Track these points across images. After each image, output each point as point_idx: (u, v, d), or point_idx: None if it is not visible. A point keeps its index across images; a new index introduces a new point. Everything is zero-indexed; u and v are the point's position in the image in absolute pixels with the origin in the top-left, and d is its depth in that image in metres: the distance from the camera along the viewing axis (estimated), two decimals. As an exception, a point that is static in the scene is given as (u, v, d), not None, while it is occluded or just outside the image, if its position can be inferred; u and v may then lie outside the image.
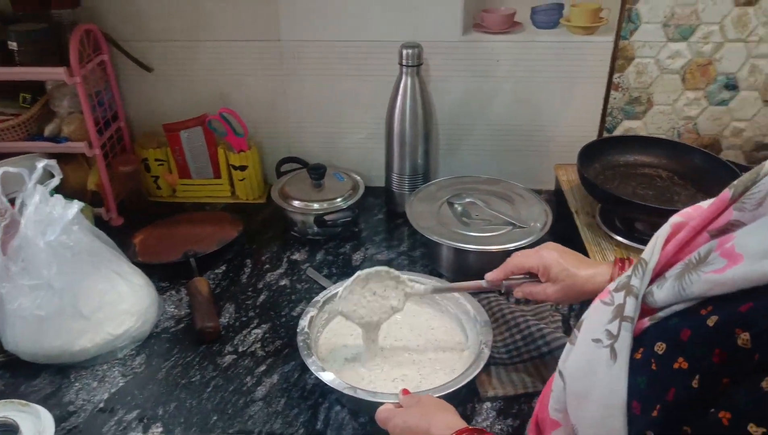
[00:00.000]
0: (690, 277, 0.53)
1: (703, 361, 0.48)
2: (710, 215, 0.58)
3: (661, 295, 0.57)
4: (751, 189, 0.55)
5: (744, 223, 0.55)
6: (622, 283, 0.62)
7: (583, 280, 0.89)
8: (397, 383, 0.98)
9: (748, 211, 0.55)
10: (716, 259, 0.52)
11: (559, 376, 0.68)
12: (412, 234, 1.38)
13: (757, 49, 1.36)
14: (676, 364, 0.50)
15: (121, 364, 1.05)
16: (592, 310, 0.66)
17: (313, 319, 1.05)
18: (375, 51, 1.39)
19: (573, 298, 0.91)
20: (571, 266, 0.90)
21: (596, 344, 0.61)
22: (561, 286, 0.91)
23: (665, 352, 0.53)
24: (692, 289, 0.53)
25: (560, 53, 1.38)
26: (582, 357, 0.63)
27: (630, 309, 0.58)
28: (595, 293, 0.86)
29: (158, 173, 1.48)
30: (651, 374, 0.53)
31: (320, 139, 1.52)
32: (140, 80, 1.46)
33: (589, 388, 0.60)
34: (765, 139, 1.48)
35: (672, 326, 0.54)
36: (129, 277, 1.10)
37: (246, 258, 1.32)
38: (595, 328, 0.62)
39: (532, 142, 1.49)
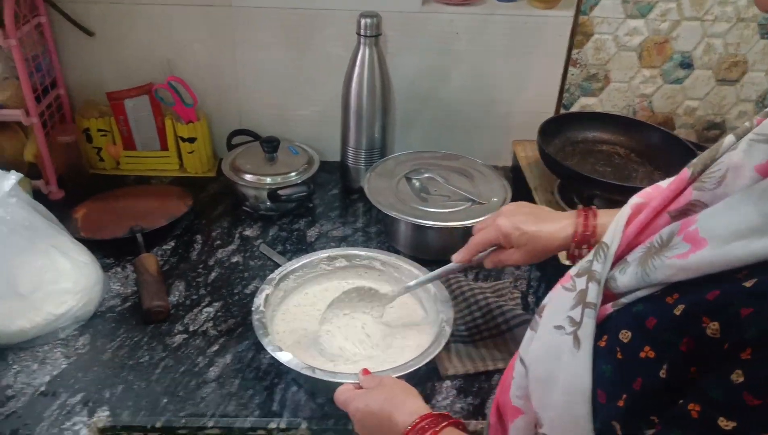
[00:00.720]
0: (653, 262, 0.52)
1: (671, 350, 0.47)
2: (670, 195, 0.57)
3: (623, 280, 0.55)
4: (710, 167, 0.55)
5: (704, 203, 0.54)
6: (584, 268, 0.60)
7: (546, 239, 0.86)
8: (357, 363, 0.96)
9: (707, 190, 0.54)
10: (679, 244, 0.51)
11: (521, 363, 0.66)
12: (368, 210, 1.35)
13: (712, 28, 1.38)
14: (643, 353, 0.49)
15: (64, 345, 1.00)
16: (554, 295, 0.64)
17: (269, 298, 1.01)
18: (332, 19, 1.35)
19: (541, 256, 0.88)
20: (531, 226, 0.86)
21: (558, 331, 0.59)
22: (525, 250, 0.88)
23: (631, 340, 0.51)
24: (656, 275, 0.51)
25: (520, 27, 1.36)
26: (544, 344, 0.62)
27: (592, 295, 0.57)
28: (561, 249, 0.86)
29: (101, 144, 1.40)
30: (616, 363, 0.52)
31: (273, 110, 1.47)
32: (81, 45, 1.37)
33: (553, 375, 0.59)
34: (716, 119, 1.50)
35: (637, 313, 0.53)
36: (71, 253, 1.04)
37: (196, 234, 1.26)
38: (557, 314, 0.60)
39: (490, 118, 1.48)
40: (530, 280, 1.18)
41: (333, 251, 1.11)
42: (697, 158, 0.57)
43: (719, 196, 0.53)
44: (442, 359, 0.99)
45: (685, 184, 0.56)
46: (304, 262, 1.09)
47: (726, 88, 1.46)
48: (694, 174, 0.56)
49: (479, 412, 0.92)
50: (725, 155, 0.54)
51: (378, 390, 0.79)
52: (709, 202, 0.54)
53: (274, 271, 1.06)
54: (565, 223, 0.85)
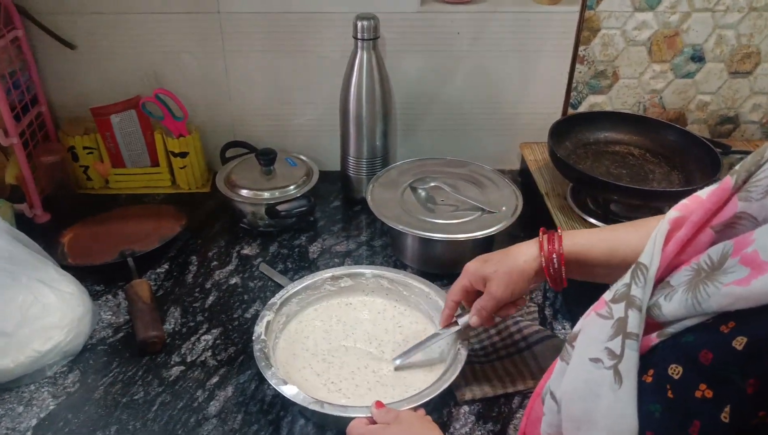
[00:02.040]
0: (706, 289, 0.46)
1: (733, 389, 0.41)
2: (712, 207, 0.51)
3: (670, 309, 0.49)
4: (755, 174, 0.49)
5: (752, 215, 0.48)
6: (621, 293, 0.54)
7: (513, 260, 0.83)
8: (368, 390, 0.89)
9: (755, 200, 0.48)
10: (736, 267, 0.45)
11: (551, 398, 0.60)
12: (372, 222, 1.29)
13: (723, 19, 1.32)
14: (698, 392, 0.43)
15: (51, 384, 0.93)
16: (587, 323, 0.58)
17: (270, 325, 0.95)
18: (326, 24, 1.28)
19: (518, 282, 0.83)
20: (495, 257, 0.85)
21: (595, 364, 0.53)
22: (498, 279, 0.83)
23: (682, 376, 0.45)
24: (709, 304, 0.45)
25: (524, 24, 1.30)
26: (579, 379, 0.56)
27: (634, 324, 0.51)
28: (533, 268, 0.82)
29: (88, 163, 1.33)
30: (667, 402, 0.46)
31: (268, 121, 1.40)
32: (62, 59, 1.30)
33: (590, 414, 0.53)
34: (729, 113, 1.44)
35: (687, 345, 0.46)
36: (56, 284, 0.97)
37: (191, 255, 1.19)
38: (593, 345, 0.54)
39: (495, 120, 1.41)
40: (546, 290, 1.12)
41: (337, 270, 1.05)
42: (740, 165, 0.51)
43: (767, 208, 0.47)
44: (459, 383, 0.92)
45: (728, 194, 0.51)
46: (306, 284, 1.02)
47: (739, 80, 1.40)
48: (738, 182, 0.50)
49: (501, 440, 0.86)
50: None
51: (396, 427, 0.73)
52: (756, 215, 0.48)
53: (275, 295, 1.00)
54: (530, 245, 0.84)
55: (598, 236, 0.80)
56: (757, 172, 0.49)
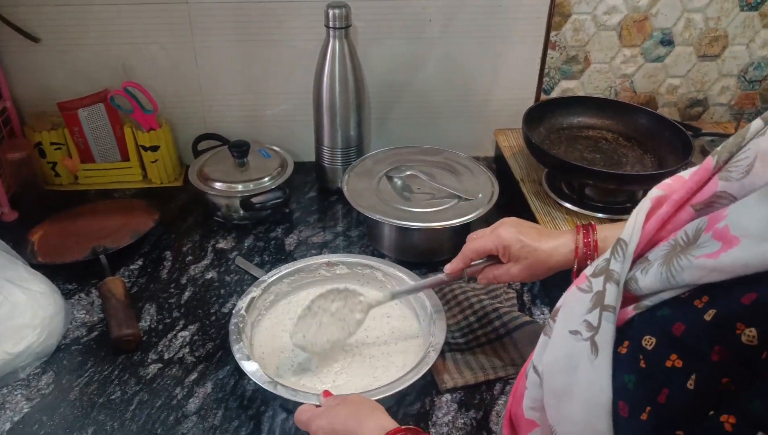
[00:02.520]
0: (679, 262, 0.47)
1: (701, 359, 0.42)
2: (693, 187, 0.52)
3: (646, 282, 0.50)
4: (736, 155, 0.50)
5: (731, 194, 0.49)
6: (601, 268, 0.55)
7: (547, 254, 0.82)
8: (345, 379, 0.90)
9: (735, 180, 0.49)
10: (708, 241, 0.46)
11: (534, 371, 0.61)
12: (348, 212, 1.28)
13: (691, 3, 1.33)
14: (669, 362, 0.44)
15: (25, 386, 0.90)
16: (568, 297, 0.59)
17: (254, 301, 0.95)
18: (296, 12, 1.26)
19: (539, 274, 0.83)
20: (532, 241, 0.82)
21: (574, 336, 0.54)
22: (524, 265, 0.83)
23: (655, 347, 0.46)
24: (683, 277, 0.46)
25: (495, 11, 1.29)
26: (559, 351, 0.57)
27: (611, 297, 0.52)
28: (561, 267, 0.81)
29: (56, 159, 1.30)
30: (640, 372, 0.47)
31: (240, 112, 1.38)
32: (26, 52, 1.26)
33: (570, 386, 0.53)
34: (699, 96, 1.45)
35: (662, 318, 0.47)
36: (26, 283, 0.94)
37: (165, 250, 1.17)
38: (573, 318, 0.55)
39: (469, 107, 1.41)
40: (524, 277, 1.12)
41: (333, 257, 1.05)
42: (722, 146, 0.52)
43: (747, 187, 0.48)
44: (440, 371, 0.92)
45: (709, 174, 0.52)
46: (301, 266, 1.02)
47: (707, 63, 1.41)
48: (719, 163, 0.51)
49: (484, 427, 0.86)
50: (752, 142, 0.49)
51: (341, 407, 0.73)
52: (736, 194, 0.49)
53: (266, 274, 1.01)
54: (565, 238, 0.82)
55: None
56: (738, 153, 0.50)
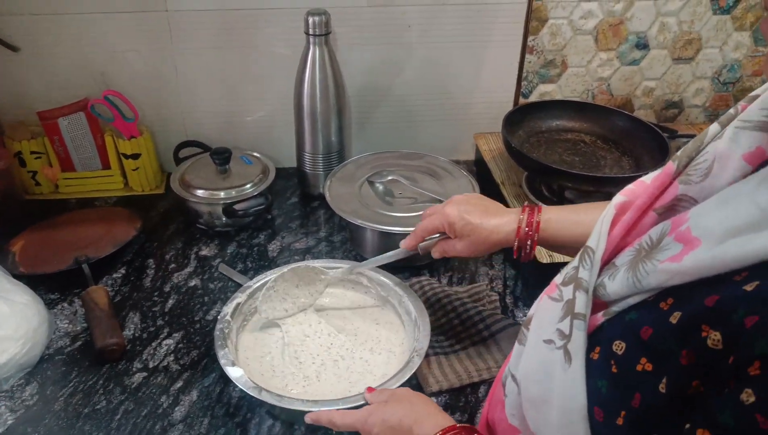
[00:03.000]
0: (644, 267, 0.48)
1: (669, 362, 0.43)
2: (655, 192, 0.54)
3: (613, 288, 0.51)
4: (695, 159, 0.51)
5: (692, 197, 0.51)
6: (570, 276, 0.56)
7: (488, 232, 0.83)
8: (330, 384, 0.90)
9: (694, 183, 0.50)
10: (671, 244, 0.47)
11: (512, 379, 0.62)
12: (330, 217, 1.28)
13: (665, 7, 1.35)
14: (639, 366, 0.45)
15: (8, 398, 0.90)
16: (540, 306, 0.60)
17: (240, 307, 0.97)
18: (276, 19, 1.27)
19: (482, 250, 0.85)
20: (475, 219, 0.84)
21: (548, 345, 0.55)
22: (467, 241, 0.85)
23: (625, 351, 0.47)
24: (648, 281, 0.47)
25: (473, 15, 1.31)
26: (534, 360, 0.58)
27: (581, 305, 0.53)
28: (503, 244, 0.83)
29: (36, 168, 1.29)
30: (612, 377, 0.48)
31: (221, 119, 1.38)
32: (5, 62, 1.25)
33: (546, 394, 0.55)
34: (674, 98, 1.48)
35: (630, 322, 0.48)
36: (8, 295, 0.94)
37: (147, 258, 1.17)
38: (546, 327, 0.56)
39: (449, 111, 1.42)
40: (506, 279, 1.13)
41: (317, 262, 1.05)
42: (681, 150, 0.54)
43: (707, 189, 0.50)
44: (425, 375, 0.93)
45: (670, 178, 0.53)
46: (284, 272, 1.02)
47: (682, 66, 1.44)
48: (679, 167, 0.53)
49: (468, 428, 0.87)
50: (710, 145, 0.51)
51: (395, 403, 0.73)
52: (696, 196, 0.51)
53: (252, 279, 1.02)
54: (509, 218, 0.83)
55: (573, 220, 0.79)
56: (697, 156, 0.51)
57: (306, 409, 0.80)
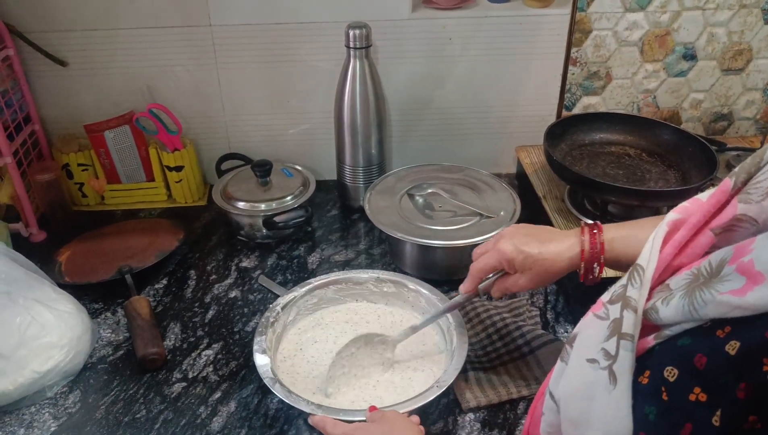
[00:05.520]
0: (702, 296, 0.45)
1: (726, 394, 0.40)
2: (711, 209, 0.51)
3: (667, 313, 0.48)
4: (755, 176, 0.49)
5: (752, 217, 0.48)
6: (617, 294, 0.53)
7: (552, 261, 0.79)
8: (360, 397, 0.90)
9: (755, 202, 0.48)
10: (732, 275, 0.44)
11: (551, 398, 0.60)
12: (370, 230, 1.28)
13: (714, 17, 1.32)
14: (692, 396, 0.43)
15: (52, 405, 0.92)
16: (585, 324, 0.58)
17: (295, 300, 1.00)
18: (318, 33, 1.28)
19: (548, 280, 0.81)
20: (534, 250, 0.79)
21: (592, 365, 0.53)
22: (531, 275, 0.80)
23: (677, 379, 0.45)
24: (706, 311, 0.45)
25: (515, 28, 1.30)
26: (576, 379, 0.56)
27: (629, 325, 0.50)
28: (568, 270, 0.79)
29: (83, 179, 1.33)
30: (662, 404, 0.46)
31: (263, 132, 1.39)
32: (54, 76, 1.30)
33: (587, 415, 0.53)
34: (723, 110, 1.44)
35: (683, 348, 0.46)
36: (54, 304, 0.96)
37: (189, 269, 1.18)
38: (590, 346, 0.54)
39: (490, 124, 1.41)
40: (547, 294, 1.11)
41: (384, 273, 1.05)
42: (740, 166, 0.51)
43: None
44: (462, 390, 0.92)
45: (727, 196, 0.51)
46: (350, 276, 1.05)
47: (732, 77, 1.40)
48: (737, 184, 0.50)
49: (508, 447, 0.85)
50: None
51: (377, 424, 0.73)
52: (757, 217, 0.48)
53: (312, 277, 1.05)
54: (570, 241, 0.79)
55: (637, 238, 0.75)
56: (757, 174, 0.49)
57: (308, 410, 0.81)
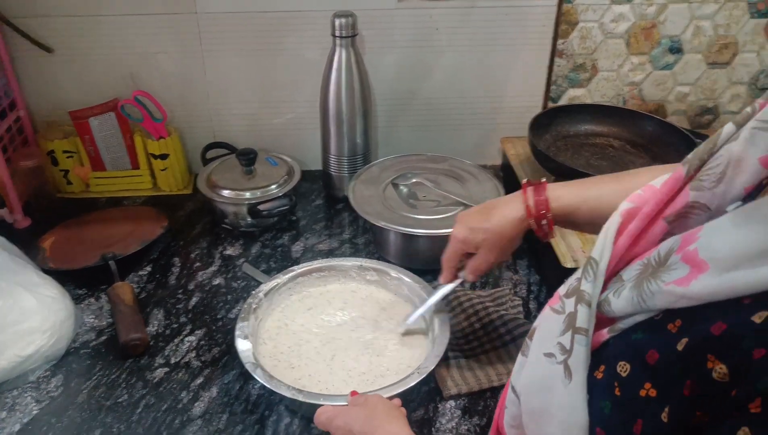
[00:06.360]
0: (650, 287, 0.45)
1: (673, 391, 0.40)
2: (664, 198, 0.51)
3: (618, 305, 0.49)
4: (708, 163, 0.48)
5: (704, 204, 0.48)
6: (573, 288, 0.53)
7: (500, 226, 0.80)
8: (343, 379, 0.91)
9: (707, 189, 0.48)
10: (677, 264, 0.44)
11: (512, 391, 0.60)
12: (354, 220, 1.29)
13: (700, 10, 1.32)
14: (643, 391, 0.43)
15: (34, 389, 0.92)
16: (543, 317, 0.58)
17: (278, 287, 1.01)
18: (304, 21, 1.28)
19: (507, 247, 0.82)
20: (482, 223, 0.81)
21: (549, 359, 0.53)
22: (488, 246, 0.82)
23: (630, 374, 0.45)
24: (654, 302, 0.45)
25: (502, 19, 1.30)
26: (535, 373, 0.56)
27: (582, 319, 0.50)
28: (523, 232, 0.80)
29: (67, 166, 1.32)
30: (615, 399, 0.46)
31: (247, 121, 1.39)
32: (39, 62, 1.29)
33: (546, 408, 0.53)
34: (708, 104, 1.45)
35: (636, 343, 0.46)
36: (37, 288, 0.96)
37: (173, 257, 1.19)
38: (547, 339, 0.54)
39: (476, 115, 1.42)
40: (530, 284, 1.12)
41: (366, 261, 1.06)
42: (693, 153, 0.50)
43: (720, 196, 0.47)
44: (444, 378, 0.92)
45: (680, 183, 0.50)
46: (333, 264, 1.06)
47: (717, 71, 1.41)
48: (690, 171, 0.49)
49: (487, 433, 0.86)
50: (724, 147, 0.48)
51: (361, 408, 0.73)
52: (709, 203, 0.48)
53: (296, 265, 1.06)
54: (515, 204, 0.80)
55: (584, 195, 0.76)
56: (710, 160, 0.48)
57: (288, 395, 0.82)
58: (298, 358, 0.93)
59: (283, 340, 0.96)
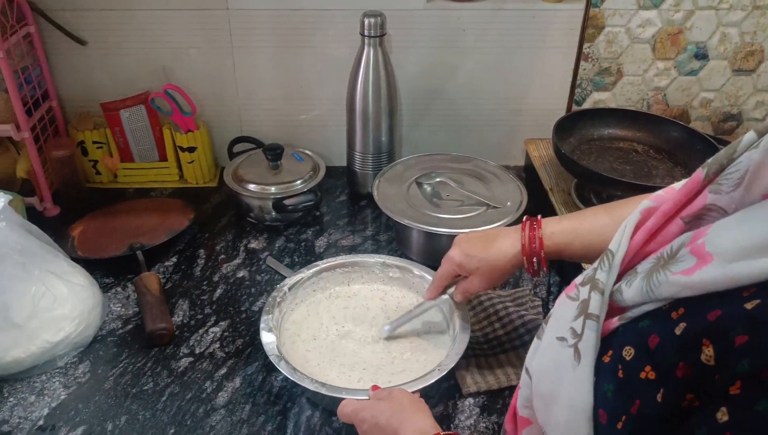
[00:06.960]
0: (658, 277, 0.47)
1: (669, 373, 0.42)
2: (682, 199, 0.52)
3: (629, 294, 0.51)
4: (727, 168, 0.49)
5: (721, 207, 0.49)
6: (588, 277, 0.56)
7: (496, 259, 0.85)
8: (361, 373, 0.92)
9: (724, 193, 0.49)
10: (686, 257, 0.46)
11: (526, 373, 0.62)
12: (377, 217, 1.30)
13: (727, 17, 1.32)
14: (643, 374, 0.45)
15: (62, 374, 0.94)
16: (559, 303, 0.60)
17: (302, 282, 1.02)
18: (332, 20, 1.29)
19: (498, 278, 0.87)
20: (479, 252, 0.86)
21: (561, 343, 0.55)
22: (480, 275, 0.87)
23: (633, 358, 0.47)
24: (660, 291, 0.47)
25: (529, 21, 1.31)
26: (547, 356, 0.58)
27: (595, 306, 0.53)
28: (516, 266, 0.84)
29: (97, 157, 1.35)
30: (618, 381, 0.48)
31: (275, 116, 1.41)
32: (73, 55, 1.32)
33: (555, 391, 0.55)
34: (732, 110, 1.44)
35: (641, 329, 0.48)
36: (67, 276, 0.98)
37: (199, 248, 1.21)
38: (561, 324, 0.57)
39: (500, 116, 1.42)
40: (550, 286, 1.13)
41: (389, 258, 1.07)
42: (713, 158, 0.51)
43: (737, 200, 0.48)
44: (463, 376, 0.93)
45: (699, 186, 0.51)
46: (357, 260, 1.07)
47: (742, 78, 1.40)
48: (709, 175, 0.51)
49: (505, 432, 0.87)
50: (745, 154, 0.48)
51: (387, 402, 0.74)
52: (726, 207, 0.49)
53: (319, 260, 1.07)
54: (513, 239, 0.84)
55: (577, 231, 0.80)
56: (729, 165, 0.49)
57: (312, 388, 0.83)
58: (320, 352, 0.95)
59: (306, 334, 0.98)
